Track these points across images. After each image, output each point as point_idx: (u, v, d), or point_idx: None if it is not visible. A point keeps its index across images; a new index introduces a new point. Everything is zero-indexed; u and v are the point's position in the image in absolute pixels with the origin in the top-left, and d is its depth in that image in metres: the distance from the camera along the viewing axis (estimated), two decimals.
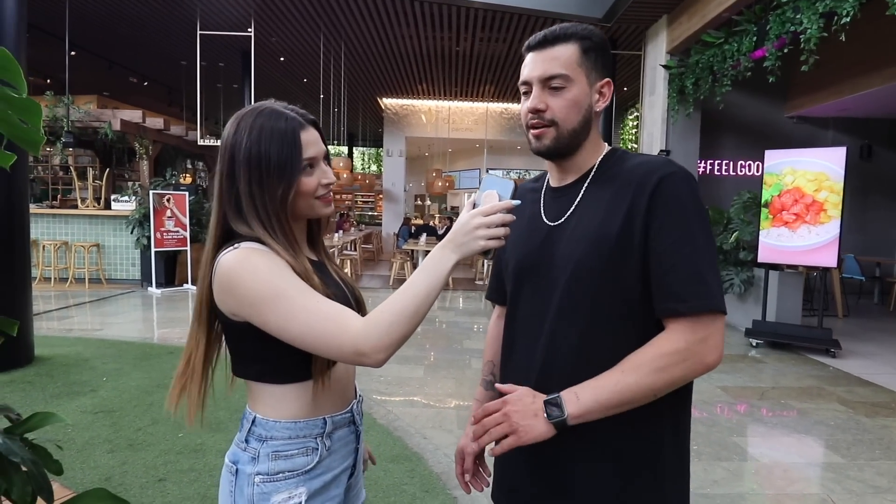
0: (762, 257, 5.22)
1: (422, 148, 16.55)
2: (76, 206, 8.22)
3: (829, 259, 4.85)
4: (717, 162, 7.68)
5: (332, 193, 0.95)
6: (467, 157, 17.03)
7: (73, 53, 8.15)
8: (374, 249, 12.69)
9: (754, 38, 4.85)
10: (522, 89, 0.93)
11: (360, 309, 0.97)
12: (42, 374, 3.80)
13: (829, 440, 3.08)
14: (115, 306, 6.50)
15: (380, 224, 15.14)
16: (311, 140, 0.89)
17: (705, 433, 3.11)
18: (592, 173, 0.93)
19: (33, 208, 8.00)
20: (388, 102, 13.19)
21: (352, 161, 17.59)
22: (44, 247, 7.71)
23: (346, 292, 0.95)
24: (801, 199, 4.96)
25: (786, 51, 4.54)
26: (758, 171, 7.31)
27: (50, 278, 7.74)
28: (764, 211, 5.18)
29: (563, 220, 0.93)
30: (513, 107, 13.29)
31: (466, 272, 10.48)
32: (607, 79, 0.92)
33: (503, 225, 0.80)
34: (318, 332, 0.77)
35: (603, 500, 0.86)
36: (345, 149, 19.21)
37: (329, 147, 0.97)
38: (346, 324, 0.77)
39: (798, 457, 2.89)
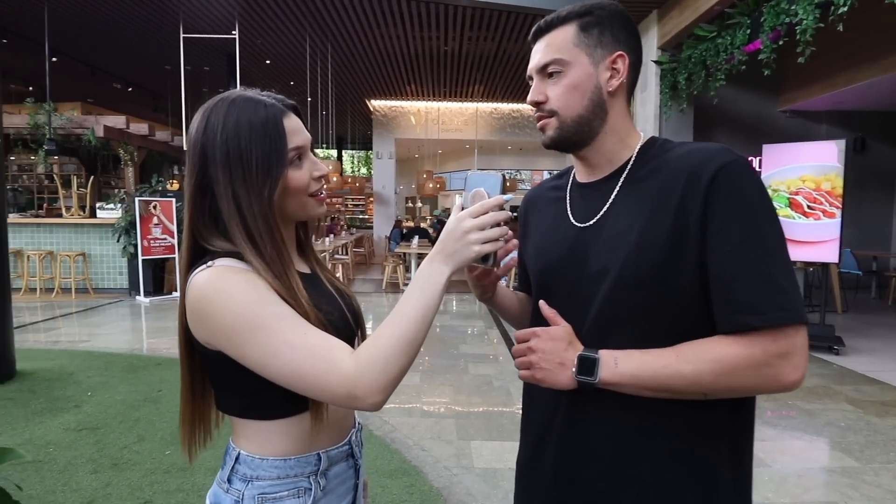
0: None
1: (411, 149, 16.41)
2: (61, 215, 8.02)
3: (830, 254, 4.79)
4: None
5: (325, 191, 0.82)
6: (458, 158, 16.91)
7: (54, 60, 7.95)
8: (365, 253, 12.55)
9: (748, 31, 4.78)
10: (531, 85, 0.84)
11: (357, 321, 0.86)
12: (24, 389, 3.64)
13: (842, 443, 2.98)
14: (103, 316, 6.32)
15: (371, 227, 14.95)
16: (295, 128, 0.77)
17: None
18: (630, 165, 0.81)
19: (17, 218, 7.82)
20: (376, 104, 13.06)
21: (341, 164, 17.42)
22: (28, 257, 7.51)
23: (342, 304, 0.83)
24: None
25: (780, 43, 4.49)
26: (757, 167, 7.26)
27: (35, 289, 7.55)
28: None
29: (595, 220, 0.81)
30: (503, 107, 13.20)
31: (459, 273, 10.35)
32: (619, 52, 0.79)
33: (498, 224, 0.70)
34: (303, 372, 0.66)
35: None
36: (334, 152, 19.00)
37: (318, 150, 0.84)
38: (335, 362, 0.66)
39: (811, 461, 2.79)
